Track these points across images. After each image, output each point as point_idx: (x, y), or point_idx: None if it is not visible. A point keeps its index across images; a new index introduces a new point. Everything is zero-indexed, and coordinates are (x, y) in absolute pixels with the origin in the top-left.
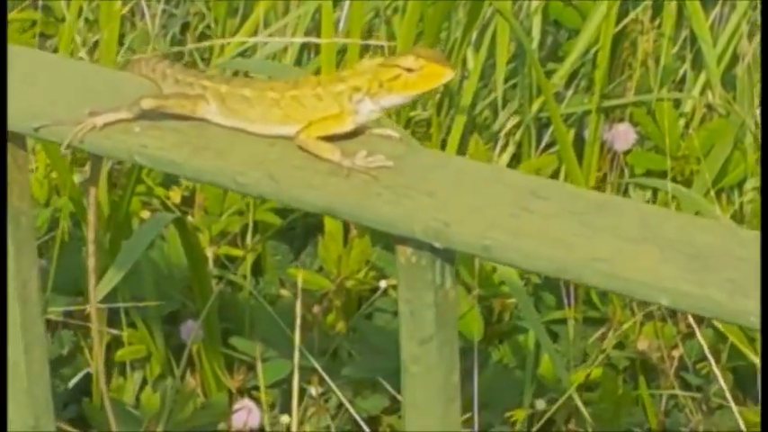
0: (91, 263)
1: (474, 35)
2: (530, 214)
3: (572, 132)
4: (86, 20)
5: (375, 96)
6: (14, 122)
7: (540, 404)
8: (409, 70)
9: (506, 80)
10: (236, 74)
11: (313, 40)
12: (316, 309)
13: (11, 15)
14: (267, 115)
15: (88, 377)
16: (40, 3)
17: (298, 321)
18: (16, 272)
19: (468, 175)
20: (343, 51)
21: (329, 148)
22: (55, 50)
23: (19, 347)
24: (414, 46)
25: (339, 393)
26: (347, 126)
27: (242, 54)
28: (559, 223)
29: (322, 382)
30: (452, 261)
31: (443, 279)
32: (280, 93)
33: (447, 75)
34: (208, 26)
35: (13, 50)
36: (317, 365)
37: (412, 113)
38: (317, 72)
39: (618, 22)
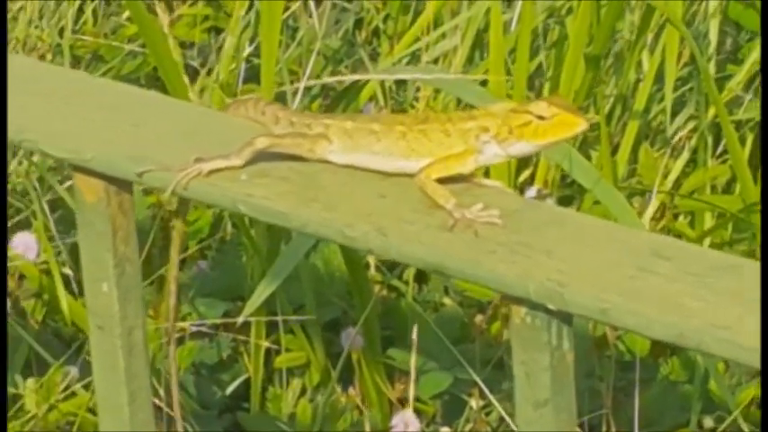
0: (171, 301)
1: (649, 38)
2: (649, 276)
3: (750, 138)
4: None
5: (503, 142)
6: (120, 167)
7: (708, 422)
8: (541, 118)
9: (683, 83)
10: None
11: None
12: (479, 318)
13: (181, 10)
14: (392, 148)
15: (247, 383)
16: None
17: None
18: (121, 319)
19: (587, 233)
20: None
21: (445, 195)
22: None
23: (123, 396)
24: (549, 95)
25: (500, 407)
26: (469, 166)
27: (411, 53)
28: (680, 286)
29: (483, 394)
30: (570, 322)
31: (560, 341)
32: (408, 126)
33: (580, 125)
34: (382, 21)
35: (120, 89)
36: (477, 379)
37: None
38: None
39: None
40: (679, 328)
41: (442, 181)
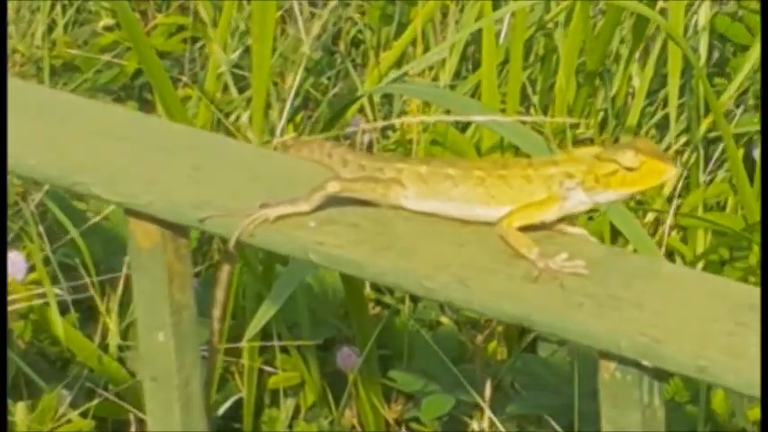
0: (214, 341)
1: (638, 52)
2: (747, 331)
3: (740, 152)
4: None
5: (590, 190)
6: (180, 212)
7: None
8: (629, 169)
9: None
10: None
11: None
12: (479, 339)
13: (157, 20)
14: (470, 195)
15: (239, 403)
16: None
17: None
18: (178, 368)
19: (678, 284)
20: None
21: (528, 244)
22: (203, 57)
23: None
24: (633, 138)
25: (503, 429)
26: (552, 214)
27: (398, 64)
28: None
29: (485, 416)
30: (661, 378)
31: (651, 397)
32: (487, 172)
33: (669, 173)
34: (360, 31)
35: (175, 129)
36: (480, 401)
37: (576, 132)
38: (477, 89)
39: None
40: None
41: (523, 229)
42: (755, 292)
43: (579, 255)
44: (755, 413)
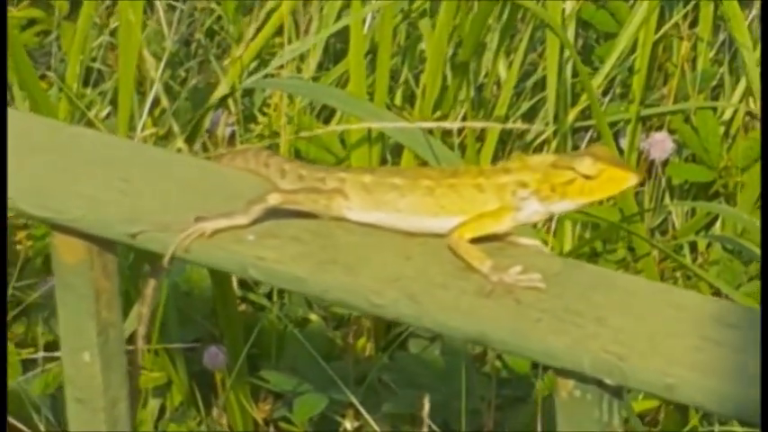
0: (138, 360)
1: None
2: (716, 347)
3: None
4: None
5: (545, 200)
6: (110, 227)
7: None
8: (587, 177)
9: (540, 89)
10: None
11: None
12: (350, 337)
13: (11, 13)
14: (418, 206)
15: None
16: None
17: None
18: (104, 390)
19: (639, 297)
20: (371, 53)
21: (480, 257)
22: (60, 50)
23: None
24: (591, 145)
25: (377, 428)
26: (505, 225)
27: (260, 57)
28: (750, 358)
29: (358, 415)
30: (622, 396)
31: (611, 417)
32: (436, 181)
33: (630, 180)
34: (217, 21)
35: (105, 140)
36: (353, 399)
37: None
38: (344, 79)
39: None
40: (754, 405)
41: (474, 241)
42: (718, 304)
43: (534, 267)
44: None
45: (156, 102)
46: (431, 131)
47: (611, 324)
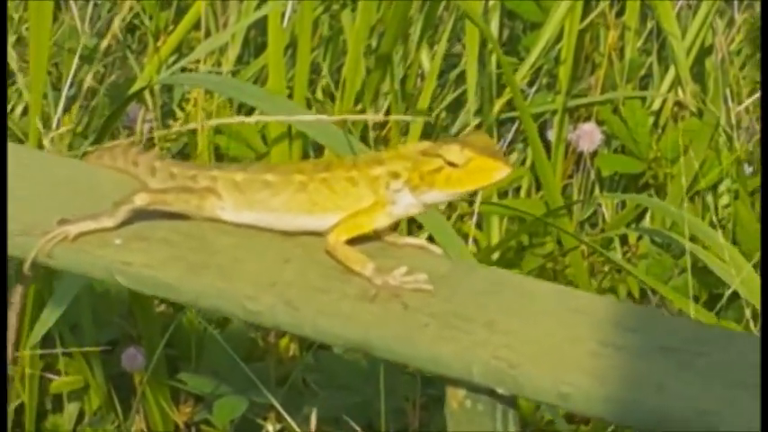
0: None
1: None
2: (615, 352)
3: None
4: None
5: (415, 190)
6: None
7: None
8: (453, 164)
9: (463, 81)
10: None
11: None
12: (271, 337)
13: None
14: (291, 203)
15: (21, 409)
16: None
17: None
18: None
19: (535, 300)
20: (291, 46)
21: (361, 259)
22: None
23: None
24: (471, 131)
25: (298, 430)
26: (382, 221)
27: (179, 51)
28: (653, 364)
29: (280, 417)
30: (515, 405)
31: (505, 426)
32: (308, 175)
33: (500, 171)
34: (136, 16)
35: None
36: (274, 401)
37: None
38: (264, 73)
39: (582, 16)
40: (658, 414)
41: (354, 241)
42: (619, 306)
43: (421, 268)
44: None
45: (72, 99)
46: (351, 126)
47: (502, 329)
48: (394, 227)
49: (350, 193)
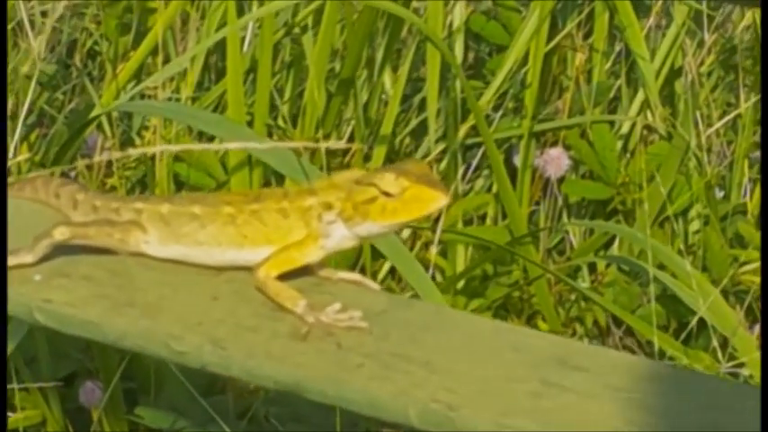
0: None
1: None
2: (559, 392)
3: (500, 159)
4: None
5: (349, 221)
6: None
7: None
8: (387, 195)
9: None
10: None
11: None
12: None
13: None
14: (220, 237)
15: None
16: None
17: None
18: None
19: (471, 336)
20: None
21: (292, 296)
22: None
23: None
24: (407, 160)
25: None
26: (315, 255)
27: (137, 77)
28: (600, 404)
29: None
30: None
31: None
32: (237, 207)
33: (437, 201)
34: (96, 43)
35: None
36: None
37: (330, 143)
38: (222, 99)
39: (548, 38)
40: None
41: (286, 276)
42: (562, 343)
43: (355, 305)
44: None
45: (31, 127)
46: (315, 153)
47: (441, 369)
48: (326, 261)
49: (280, 225)
